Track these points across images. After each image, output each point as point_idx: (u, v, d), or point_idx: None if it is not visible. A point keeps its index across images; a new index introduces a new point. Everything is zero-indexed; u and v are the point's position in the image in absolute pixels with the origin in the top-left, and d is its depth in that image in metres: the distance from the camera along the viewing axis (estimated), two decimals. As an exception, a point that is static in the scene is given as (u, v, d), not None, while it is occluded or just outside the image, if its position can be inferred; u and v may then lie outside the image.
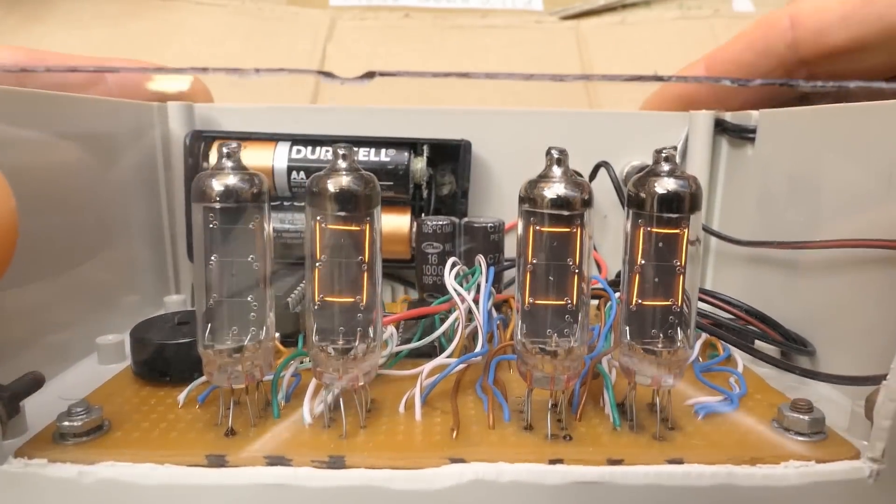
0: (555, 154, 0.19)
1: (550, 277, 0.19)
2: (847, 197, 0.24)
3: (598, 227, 0.35)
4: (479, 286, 0.25)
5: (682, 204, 0.19)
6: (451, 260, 0.27)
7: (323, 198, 0.19)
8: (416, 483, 0.17)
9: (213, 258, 0.19)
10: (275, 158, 0.33)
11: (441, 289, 0.31)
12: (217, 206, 0.19)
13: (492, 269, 0.27)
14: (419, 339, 0.25)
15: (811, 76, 0.33)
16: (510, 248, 0.28)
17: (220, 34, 0.62)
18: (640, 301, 0.19)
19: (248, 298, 0.19)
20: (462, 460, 0.18)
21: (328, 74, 0.18)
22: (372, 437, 0.19)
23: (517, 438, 0.19)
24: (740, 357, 0.25)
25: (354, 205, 0.19)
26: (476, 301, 0.24)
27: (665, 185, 0.19)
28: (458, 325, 0.24)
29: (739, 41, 0.34)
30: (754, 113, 0.32)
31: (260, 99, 0.37)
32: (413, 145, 0.33)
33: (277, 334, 0.21)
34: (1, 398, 0.18)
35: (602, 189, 0.34)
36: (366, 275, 0.19)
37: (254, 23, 0.63)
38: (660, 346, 0.19)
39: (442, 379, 0.22)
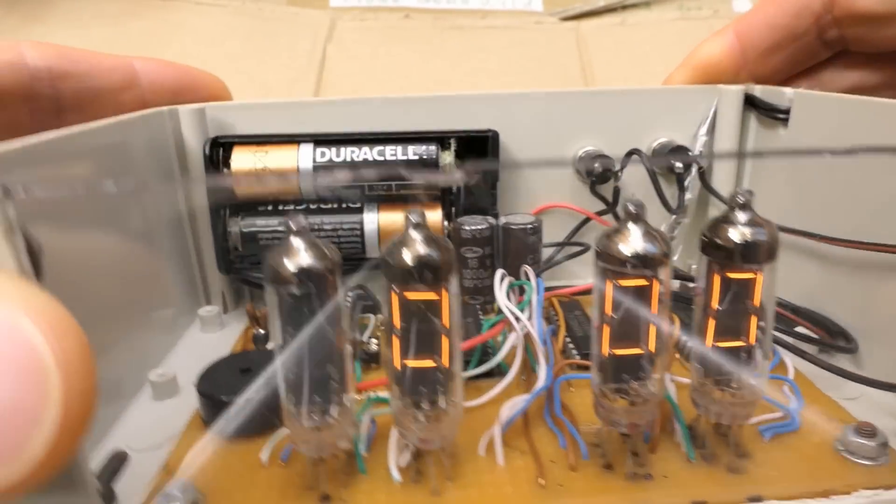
0: (631, 209, 0.19)
1: (629, 328, 0.19)
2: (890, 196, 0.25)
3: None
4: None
5: (761, 253, 0.19)
6: (499, 273, 0.27)
7: (401, 270, 0.18)
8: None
9: (290, 332, 0.19)
10: (299, 159, 0.32)
11: (481, 290, 0.31)
12: (295, 290, 0.18)
13: (540, 281, 0.27)
14: (476, 366, 0.25)
15: (841, 39, 0.33)
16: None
17: (219, 34, 0.61)
18: (714, 344, 0.20)
19: (329, 369, 0.19)
20: (556, 514, 0.19)
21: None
22: (464, 490, 0.20)
23: (601, 482, 0.20)
24: (790, 360, 0.26)
25: (435, 275, 0.18)
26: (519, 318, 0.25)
27: (743, 235, 0.19)
28: (509, 344, 0.25)
29: (771, 4, 0.33)
30: (787, 91, 0.31)
31: (262, 96, 0.35)
32: (441, 139, 0.32)
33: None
34: (100, 493, 0.18)
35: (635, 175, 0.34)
36: (446, 338, 0.19)
37: (254, 23, 0.62)
38: (734, 386, 0.20)
39: (517, 415, 0.22)
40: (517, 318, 0.25)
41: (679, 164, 0.32)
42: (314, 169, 0.32)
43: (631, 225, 0.19)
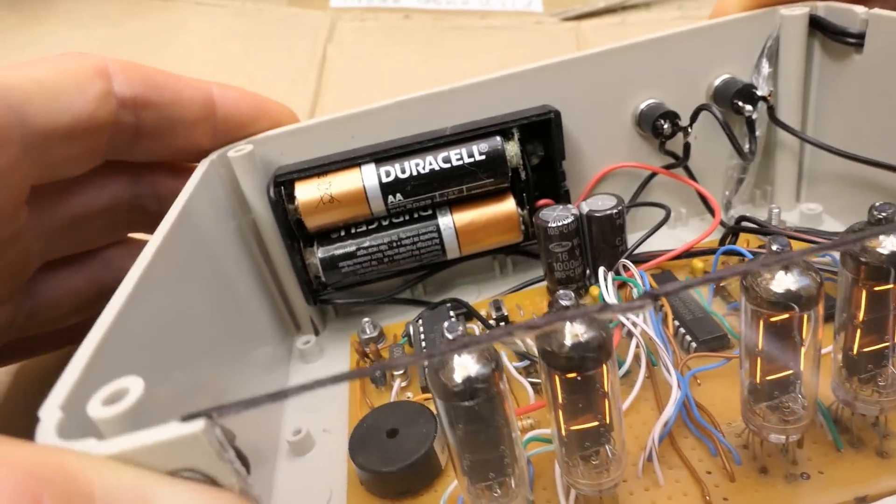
0: (776, 247, 0.18)
1: (780, 355, 0.20)
2: None
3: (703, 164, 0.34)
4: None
5: (907, 266, 0.19)
6: (601, 271, 0.27)
7: (564, 359, 0.18)
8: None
9: (460, 427, 0.19)
10: (364, 180, 0.31)
11: (572, 279, 0.31)
12: (466, 404, 0.18)
13: (643, 274, 0.27)
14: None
15: None
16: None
17: (220, 35, 0.61)
18: (862, 350, 0.20)
19: (500, 449, 0.20)
20: (733, 535, 0.20)
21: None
22: (636, 523, 0.21)
23: (763, 490, 0.21)
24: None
25: (596, 359, 0.18)
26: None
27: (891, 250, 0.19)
28: (631, 353, 0.25)
29: None
30: (859, 11, 0.29)
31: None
32: (502, 131, 0.31)
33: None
34: None
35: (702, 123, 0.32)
36: (607, 400, 0.20)
37: (254, 24, 0.62)
38: (881, 383, 0.21)
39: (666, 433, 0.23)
40: (634, 325, 0.26)
41: (749, 108, 0.31)
42: (381, 189, 0.31)
43: (781, 273, 0.18)
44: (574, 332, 0.18)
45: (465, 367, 0.18)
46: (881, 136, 0.29)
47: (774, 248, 0.19)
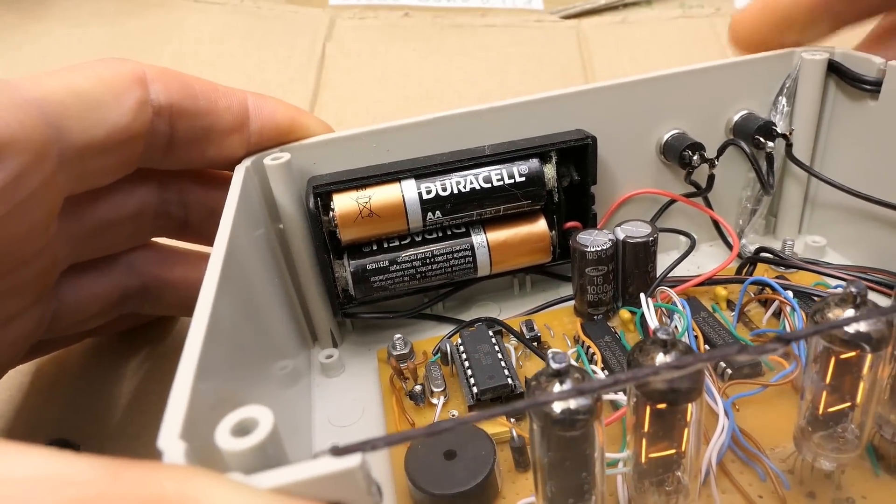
0: (853, 290, 0.20)
1: (841, 388, 0.21)
2: None
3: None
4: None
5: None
6: (643, 297, 0.28)
7: (659, 393, 0.19)
8: None
9: (549, 455, 0.20)
10: (404, 195, 0.30)
11: (603, 302, 0.32)
12: (564, 434, 0.19)
13: (685, 302, 0.28)
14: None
15: None
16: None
17: (218, 33, 0.59)
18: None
19: (584, 476, 0.20)
20: (792, 558, 0.21)
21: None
22: (700, 547, 0.22)
23: (814, 515, 0.23)
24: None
25: (690, 393, 0.19)
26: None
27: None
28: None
29: None
30: (876, 61, 0.31)
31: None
32: (541, 154, 0.31)
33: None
34: None
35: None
36: (687, 430, 0.20)
37: (252, 21, 0.60)
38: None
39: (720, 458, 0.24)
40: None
41: (771, 144, 0.33)
42: (421, 206, 0.31)
43: (851, 309, 0.20)
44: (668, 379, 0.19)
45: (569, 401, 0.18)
46: (889, 177, 0.31)
47: (853, 290, 0.20)
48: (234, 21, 0.61)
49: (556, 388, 0.18)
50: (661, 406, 0.20)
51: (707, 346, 0.29)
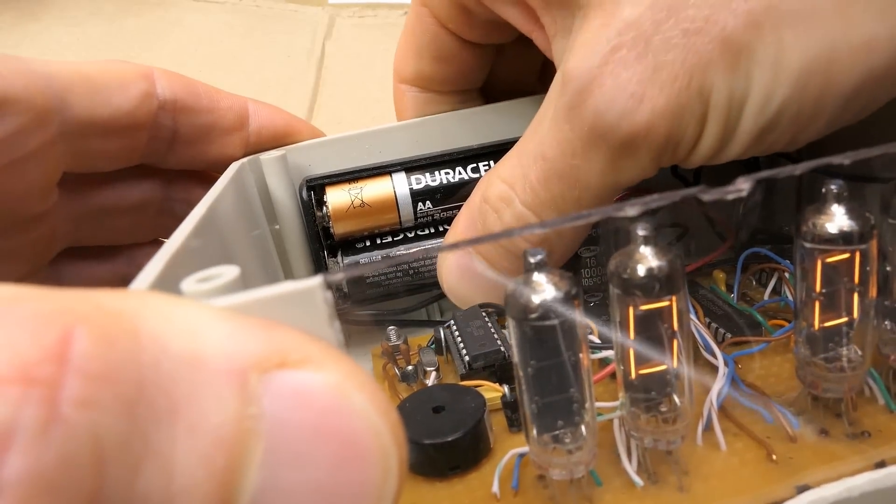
0: (834, 189, 0.20)
1: (834, 300, 0.20)
2: None
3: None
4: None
5: None
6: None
7: (638, 283, 0.19)
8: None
9: (531, 364, 0.19)
10: (395, 186, 0.31)
11: (599, 287, 0.32)
12: (542, 323, 0.18)
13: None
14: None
15: None
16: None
17: (217, 32, 0.60)
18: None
19: (571, 392, 0.19)
20: (807, 486, 0.20)
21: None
22: (706, 482, 0.20)
23: (829, 447, 0.21)
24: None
25: (669, 286, 0.19)
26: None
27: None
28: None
29: None
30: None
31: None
32: (527, 147, 0.32)
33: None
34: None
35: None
36: (676, 341, 0.20)
37: (252, 20, 0.60)
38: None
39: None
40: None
41: (753, 134, 0.33)
42: (412, 196, 0.31)
43: (835, 206, 0.20)
44: (648, 261, 0.19)
45: (545, 287, 0.18)
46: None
47: (833, 187, 0.20)
48: (233, 20, 0.62)
49: (536, 277, 0.18)
50: (644, 306, 0.19)
51: (708, 319, 0.29)
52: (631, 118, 0.21)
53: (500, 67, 0.33)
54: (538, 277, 0.18)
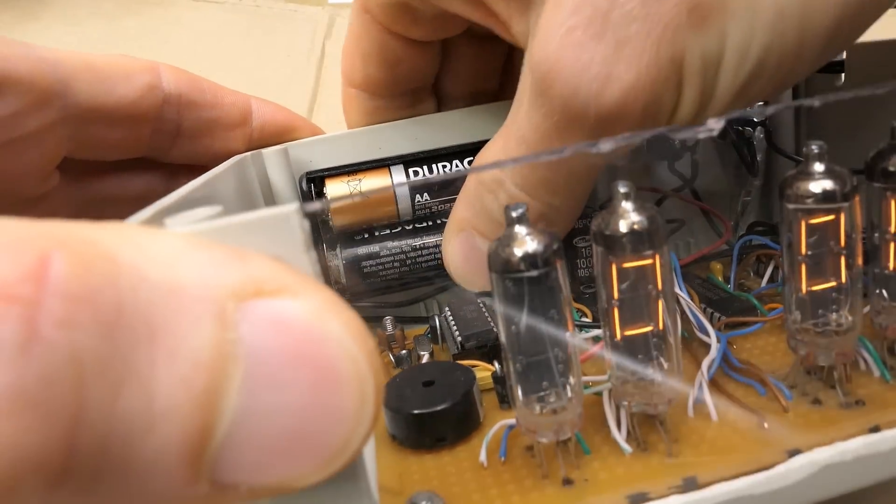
0: (815, 149, 0.20)
1: (820, 264, 0.20)
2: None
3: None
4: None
5: None
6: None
7: (619, 239, 0.19)
8: (776, 483, 0.19)
9: (514, 322, 0.19)
10: (393, 176, 0.32)
11: (594, 279, 0.31)
12: (523, 274, 0.18)
13: (673, 255, 0.28)
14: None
15: None
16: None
17: (217, 31, 0.61)
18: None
19: (556, 352, 0.19)
20: (798, 451, 0.19)
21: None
22: (695, 448, 0.20)
23: (823, 415, 0.21)
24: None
25: (651, 242, 0.19)
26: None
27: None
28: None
29: None
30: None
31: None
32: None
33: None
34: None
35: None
36: (660, 301, 0.20)
37: (251, 20, 0.61)
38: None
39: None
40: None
41: (749, 129, 0.34)
42: (410, 188, 0.32)
43: (817, 164, 0.20)
44: (629, 217, 0.19)
45: (526, 242, 0.18)
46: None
47: (814, 148, 0.20)
48: (232, 19, 0.63)
49: (517, 229, 0.18)
50: (626, 263, 0.19)
51: (703, 304, 0.28)
52: (600, 100, 0.20)
53: (459, 65, 0.32)
54: (519, 230, 0.18)
